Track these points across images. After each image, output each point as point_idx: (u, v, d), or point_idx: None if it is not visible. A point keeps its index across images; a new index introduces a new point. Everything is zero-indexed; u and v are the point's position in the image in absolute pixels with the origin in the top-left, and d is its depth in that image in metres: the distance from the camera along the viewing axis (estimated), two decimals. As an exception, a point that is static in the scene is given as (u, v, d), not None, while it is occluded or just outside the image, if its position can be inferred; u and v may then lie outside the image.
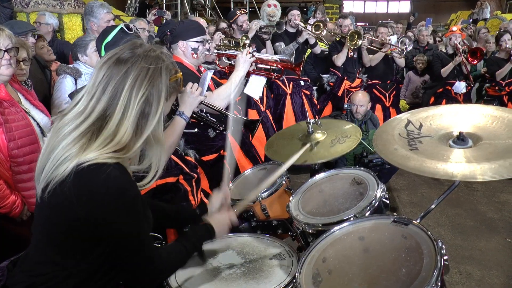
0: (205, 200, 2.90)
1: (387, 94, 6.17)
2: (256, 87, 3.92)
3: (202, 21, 5.31)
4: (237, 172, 3.34)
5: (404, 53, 6.13)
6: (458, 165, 1.66)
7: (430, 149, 1.78)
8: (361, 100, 4.55)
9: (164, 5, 13.51)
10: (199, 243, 1.81)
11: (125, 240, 1.40)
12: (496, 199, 4.92)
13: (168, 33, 3.83)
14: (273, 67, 3.34)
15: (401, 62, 6.25)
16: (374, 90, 6.10)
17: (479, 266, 3.56)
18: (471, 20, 14.18)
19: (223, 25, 6.07)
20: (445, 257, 1.56)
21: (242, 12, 5.32)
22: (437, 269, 1.45)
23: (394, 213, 4.39)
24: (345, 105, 5.11)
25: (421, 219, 1.96)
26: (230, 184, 2.70)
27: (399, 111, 6.34)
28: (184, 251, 1.70)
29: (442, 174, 1.61)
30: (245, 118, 2.75)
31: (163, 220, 1.95)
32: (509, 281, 3.37)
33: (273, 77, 3.49)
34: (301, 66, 3.67)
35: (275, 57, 3.26)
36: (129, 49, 1.44)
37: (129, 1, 13.36)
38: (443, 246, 1.59)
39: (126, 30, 2.67)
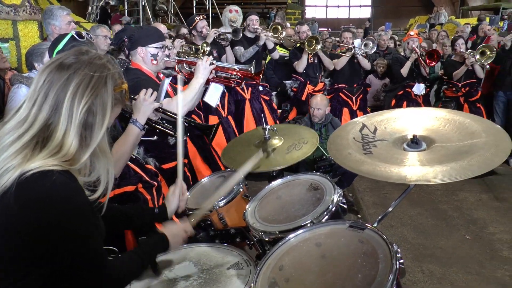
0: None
1: (353, 98, 6.22)
2: (215, 95, 3.90)
3: (163, 27, 5.25)
4: (196, 179, 3.30)
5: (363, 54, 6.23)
6: (412, 168, 1.68)
7: (384, 152, 1.79)
8: (318, 103, 4.56)
9: (126, 11, 13.34)
10: (154, 254, 1.75)
11: (75, 249, 1.31)
12: (455, 198, 5.04)
13: (126, 39, 3.74)
14: (233, 75, 3.31)
15: (367, 65, 6.35)
16: (340, 94, 6.15)
17: (440, 263, 3.63)
18: (428, 25, 14.61)
19: (184, 31, 6.01)
20: (401, 261, 1.56)
21: (202, 17, 5.27)
22: (393, 273, 1.45)
23: (359, 215, 4.48)
24: None
25: (379, 222, 1.97)
26: (187, 194, 2.65)
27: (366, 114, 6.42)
28: (139, 262, 1.63)
29: (396, 178, 1.62)
30: (200, 123, 2.69)
31: (123, 222, 1.88)
32: (468, 276, 3.44)
33: (232, 85, 3.46)
34: (261, 75, 3.66)
35: (235, 66, 3.24)
36: (73, 55, 1.37)
37: (90, 8, 13.12)
38: (399, 250, 1.60)
39: (77, 37, 2.59)
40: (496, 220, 4.43)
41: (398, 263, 1.51)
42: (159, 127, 2.43)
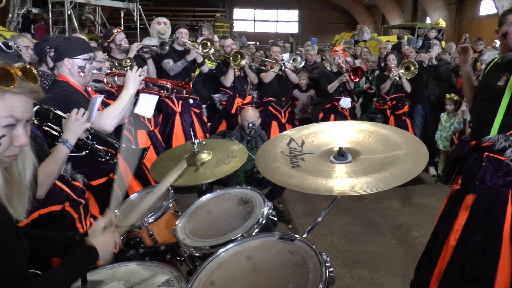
0: (95, 226, 2.73)
1: (282, 111, 6.33)
2: (148, 106, 3.81)
3: (83, 38, 5.07)
4: (127, 196, 3.19)
5: (292, 68, 6.40)
6: (339, 180, 1.72)
7: (312, 165, 1.82)
8: (252, 116, 4.61)
9: (51, 20, 12.78)
10: (83, 267, 1.64)
11: None
12: (381, 205, 5.28)
13: (48, 49, 3.56)
14: (163, 85, 3.27)
15: (295, 79, 6.49)
16: (269, 107, 6.23)
17: (369, 268, 3.77)
18: (353, 41, 15.32)
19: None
20: (330, 269, 1.60)
21: (119, 30, 5.13)
22: (322, 282, 1.48)
23: (290, 225, 4.55)
24: None
25: (309, 233, 2.01)
26: (116, 211, 2.56)
27: (294, 127, 6.55)
28: (66, 277, 1.52)
29: (323, 190, 1.65)
30: (132, 147, 2.63)
31: (44, 249, 1.77)
32: (394, 279, 3.61)
33: (162, 95, 3.42)
34: (191, 84, 3.64)
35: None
36: None
37: (10, 15, 12.42)
38: (328, 259, 1.64)
39: (4, 48, 2.44)
40: (418, 225, 4.69)
41: (327, 271, 1.54)
42: (90, 148, 2.35)
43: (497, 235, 2.63)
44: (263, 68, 6.21)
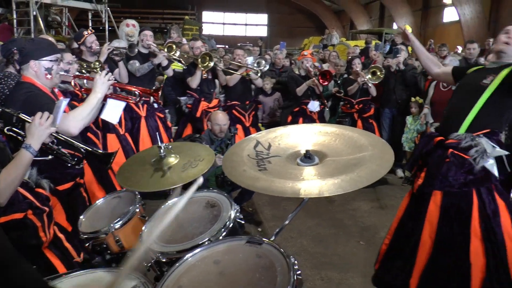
0: (60, 235, 2.66)
1: (246, 115, 6.33)
2: (114, 112, 3.75)
3: (50, 39, 4.95)
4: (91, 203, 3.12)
5: (259, 74, 6.41)
6: (306, 182, 1.73)
7: (278, 168, 1.82)
8: (223, 119, 4.59)
9: (15, 21, 12.43)
10: None
11: None
12: (349, 207, 5.34)
13: (15, 51, 3.47)
14: (131, 91, 3.22)
15: (258, 82, 6.50)
16: (233, 111, 6.21)
17: (338, 269, 3.81)
18: (322, 45, 15.51)
19: (76, 45, 5.73)
20: (298, 272, 1.60)
21: (90, 32, 5.03)
22: (290, 285, 1.49)
23: (259, 228, 4.54)
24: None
25: (276, 236, 2.01)
26: (82, 217, 2.50)
27: (259, 131, 6.57)
28: None
29: (290, 192, 1.65)
30: (98, 152, 2.56)
31: None
32: (363, 280, 3.65)
33: (131, 101, 3.37)
34: (160, 92, 3.61)
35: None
36: None
37: (-32, 16, 12.02)
38: (296, 262, 1.64)
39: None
40: (386, 226, 4.74)
41: (295, 274, 1.55)
42: (55, 153, 2.29)
43: (465, 233, 2.71)
44: (232, 71, 6.19)
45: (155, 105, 5.59)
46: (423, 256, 2.89)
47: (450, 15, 21.18)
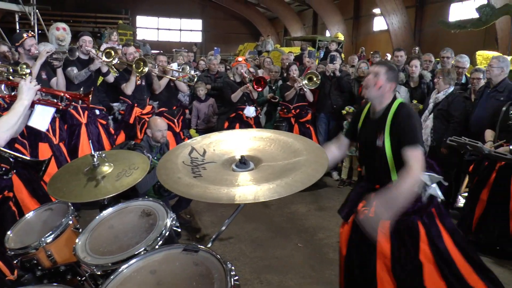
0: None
1: (175, 120, 6.30)
2: (43, 119, 3.58)
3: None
4: (22, 214, 2.97)
5: (195, 79, 6.40)
6: (241, 188, 1.73)
7: (214, 174, 1.82)
8: (163, 124, 4.52)
9: None
10: None
11: None
12: (287, 210, 5.44)
13: None
14: (61, 97, 3.10)
15: (183, 88, 6.49)
16: (162, 117, 6.13)
17: (277, 272, 3.86)
18: (256, 51, 15.69)
19: (4, 48, 5.43)
20: (235, 278, 1.61)
21: (30, 35, 4.79)
22: (227, 291, 1.49)
23: (197, 235, 4.51)
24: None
25: (213, 242, 2.01)
26: (9, 232, 2.36)
27: (190, 137, 6.55)
28: None
29: (226, 199, 1.65)
30: (28, 159, 2.44)
31: None
32: (302, 280, 3.73)
33: (61, 107, 3.23)
34: (90, 96, 3.49)
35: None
36: None
37: None
38: (233, 268, 1.65)
39: None
40: (323, 227, 4.90)
41: (232, 280, 1.55)
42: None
43: (415, 261, 2.66)
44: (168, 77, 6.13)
45: (97, 112, 5.42)
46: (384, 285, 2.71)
47: (379, 24, 22.19)
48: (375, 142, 2.72)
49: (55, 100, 3.08)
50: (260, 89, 6.29)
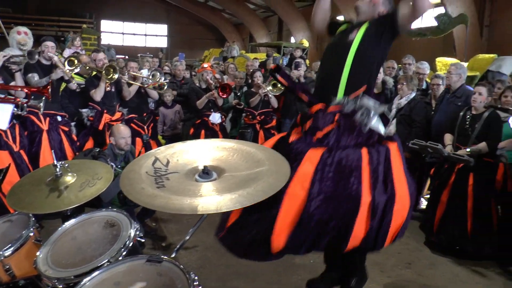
0: None
1: (145, 127, 6.24)
2: (2, 116, 3.47)
3: None
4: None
5: (165, 86, 6.36)
6: (204, 198, 1.75)
7: (177, 185, 1.83)
8: (126, 132, 4.46)
9: None
10: None
11: None
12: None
13: None
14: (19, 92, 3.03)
15: (154, 94, 6.46)
16: (132, 124, 6.04)
17: (244, 279, 3.85)
18: (222, 57, 15.71)
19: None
20: (200, 287, 1.63)
21: None
22: (191, 301, 1.51)
23: (163, 243, 4.47)
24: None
25: (177, 252, 2.03)
26: None
27: (159, 143, 6.51)
28: None
29: (188, 209, 1.68)
30: None
31: None
32: (269, 287, 3.74)
33: (19, 102, 3.16)
34: (49, 88, 3.42)
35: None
36: None
37: None
38: (196, 278, 1.67)
39: None
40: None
41: (196, 289, 1.58)
42: None
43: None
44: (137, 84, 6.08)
45: (59, 118, 5.30)
46: (291, 209, 2.35)
47: (342, 30, 22.51)
48: (346, 39, 2.65)
49: (12, 97, 3.01)
50: (225, 96, 6.33)
